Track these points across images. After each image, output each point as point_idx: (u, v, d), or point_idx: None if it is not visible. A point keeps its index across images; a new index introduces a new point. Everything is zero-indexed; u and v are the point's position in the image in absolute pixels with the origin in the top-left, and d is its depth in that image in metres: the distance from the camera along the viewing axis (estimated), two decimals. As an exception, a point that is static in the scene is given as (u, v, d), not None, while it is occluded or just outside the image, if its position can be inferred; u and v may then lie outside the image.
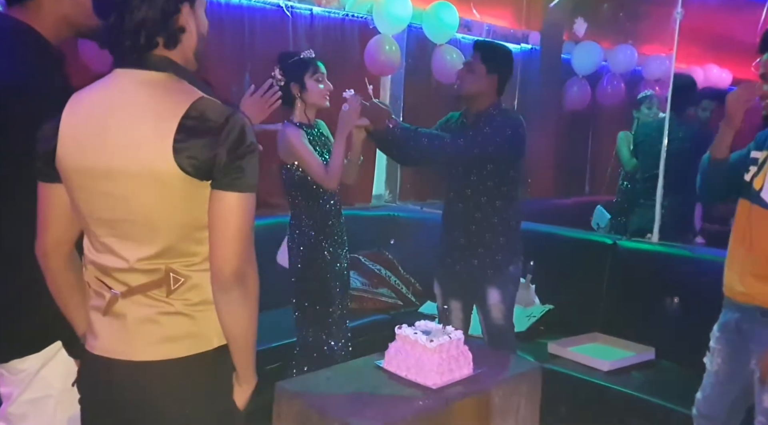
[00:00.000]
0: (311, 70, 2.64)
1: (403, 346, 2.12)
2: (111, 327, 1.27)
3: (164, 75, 1.24)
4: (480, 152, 2.50)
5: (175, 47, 1.25)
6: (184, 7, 1.25)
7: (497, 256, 2.61)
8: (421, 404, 1.92)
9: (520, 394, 2.19)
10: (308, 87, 2.65)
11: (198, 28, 1.30)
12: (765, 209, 1.97)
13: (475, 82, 2.59)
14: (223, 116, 1.20)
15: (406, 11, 3.93)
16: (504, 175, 2.59)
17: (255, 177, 1.24)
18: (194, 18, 1.28)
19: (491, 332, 2.68)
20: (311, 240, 2.69)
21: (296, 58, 2.66)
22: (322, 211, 2.70)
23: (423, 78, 4.56)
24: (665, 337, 2.97)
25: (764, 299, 1.94)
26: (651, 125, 3.79)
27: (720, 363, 2.10)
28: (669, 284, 3.00)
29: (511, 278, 2.65)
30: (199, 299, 1.26)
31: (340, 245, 2.75)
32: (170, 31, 1.23)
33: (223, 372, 1.32)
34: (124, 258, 1.24)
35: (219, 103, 1.24)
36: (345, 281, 2.81)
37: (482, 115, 2.61)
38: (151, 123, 1.19)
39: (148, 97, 1.21)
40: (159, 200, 1.20)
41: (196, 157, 1.18)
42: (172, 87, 1.23)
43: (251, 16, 3.67)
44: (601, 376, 2.80)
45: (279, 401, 2.01)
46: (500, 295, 2.62)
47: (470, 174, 2.59)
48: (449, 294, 2.76)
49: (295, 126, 2.67)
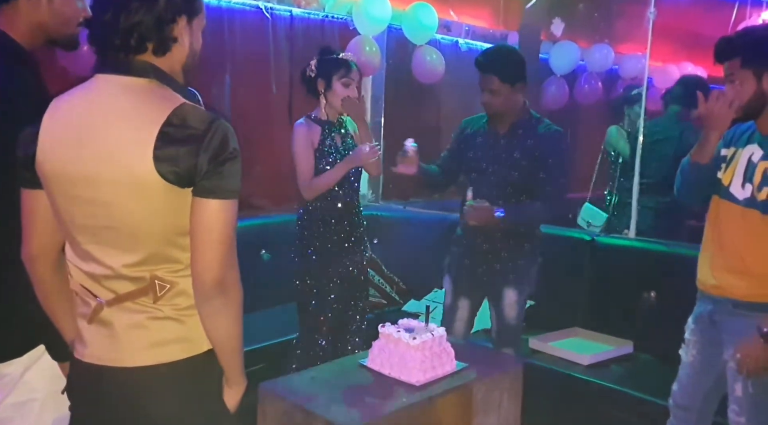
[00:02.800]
0: (342, 72, 2.67)
1: (386, 344, 2.14)
2: (99, 334, 1.27)
3: (146, 81, 1.23)
4: (527, 163, 2.51)
5: (163, 55, 1.24)
6: (182, 19, 1.25)
7: (520, 260, 2.62)
8: (404, 401, 1.95)
9: (502, 389, 2.22)
10: (333, 87, 2.68)
11: (191, 44, 1.30)
12: (733, 203, 2.02)
13: (503, 102, 2.54)
14: (205, 123, 1.19)
15: (385, 12, 3.95)
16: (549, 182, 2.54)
17: (237, 183, 1.23)
18: (189, 33, 1.29)
19: (502, 329, 2.70)
20: (312, 238, 2.73)
21: (333, 55, 2.70)
22: (326, 210, 2.72)
23: (404, 79, 4.59)
24: (643, 331, 3.03)
25: (735, 292, 1.99)
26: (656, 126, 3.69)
27: (694, 354, 2.14)
28: (646, 278, 3.06)
29: (529, 280, 2.67)
30: (188, 304, 1.26)
31: (348, 246, 2.76)
32: (162, 39, 1.23)
33: (213, 374, 1.33)
34: (108, 266, 1.23)
35: (202, 109, 1.24)
36: (355, 282, 2.81)
37: (516, 124, 2.58)
38: (131, 129, 1.18)
39: (130, 103, 1.21)
40: (140, 208, 1.19)
41: (177, 165, 1.17)
42: (154, 93, 1.23)
43: (230, 17, 3.67)
44: (581, 370, 2.85)
45: (263, 401, 2.02)
46: (517, 296, 2.64)
47: (506, 185, 2.56)
48: (460, 292, 2.77)
49: (310, 122, 2.71)
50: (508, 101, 2.55)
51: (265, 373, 2.63)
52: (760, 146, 1.99)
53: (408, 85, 4.62)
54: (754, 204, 1.95)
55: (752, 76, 1.92)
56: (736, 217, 2.00)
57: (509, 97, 2.54)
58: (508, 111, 2.58)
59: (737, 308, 1.97)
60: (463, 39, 5.13)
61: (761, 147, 1.98)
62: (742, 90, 1.93)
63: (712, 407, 2.17)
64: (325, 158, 2.69)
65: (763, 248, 1.93)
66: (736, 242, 2.01)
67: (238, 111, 3.74)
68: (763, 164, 1.95)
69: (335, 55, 2.70)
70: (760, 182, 1.94)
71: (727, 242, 2.03)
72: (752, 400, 1.95)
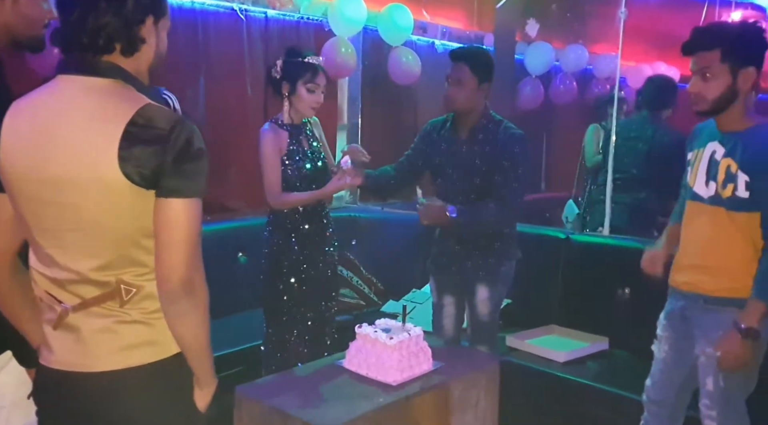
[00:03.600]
0: (307, 76, 2.61)
1: (363, 345, 2.14)
2: (66, 340, 1.25)
3: (110, 81, 1.22)
4: (486, 168, 2.52)
5: (131, 56, 1.24)
6: (149, 19, 1.25)
7: (490, 259, 2.65)
8: (381, 401, 1.95)
9: (479, 388, 2.24)
10: (298, 92, 2.63)
11: (157, 46, 1.30)
12: (698, 202, 2.05)
13: (468, 96, 2.55)
14: (169, 123, 1.18)
15: (360, 14, 3.95)
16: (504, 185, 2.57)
17: (202, 183, 1.22)
18: (156, 34, 1.28)
19: (475, 325, 2.73)
20: (280, 241, 2.70)
21: (299, 59, 2.63)
22: (296, 213, 2.69)
23: (380, 80, 4.59)
24: (618, 327, 3.06)
25: (705, 288, 2.02)
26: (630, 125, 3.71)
27: (667, 349, 2.17)
28: (621, 275, 3.09)
29: (502, 278, 2.69)
30: (155, 307, 1.25)
31: (318, 248, 2.74)
32: (131, 39, 1.22)
33: (183, 377, 1.32)
34: (73, 270, 1.21)
35: (167, 110, 1.23)
36: (326, 284, 2.79)
37: (477, 128, 2.60)
38: (96, 130, 1.17)
39: (94, 103, 1.19)
40: (106, 209, 1.18)
41: (142, 165, 1.15)
42: (118, 93, 1.21)
43: (204, 19, 3.64)
44: (557, 367, 2.87)
45: (239, 405, 2.01)
46: (489, 292, 2.66)
47: (473, 187, 2.59)
48: (443, 289, 2.81)
49: (276, 128, 2.66)
50: (473, 98, 2.55)
51: (244, 376, 2.63)
52: (721, 143, 1.99)
53: (384, 86, 4.63)
54: (719, 202, 1.97)
55: (728, 71, 1.90)
56: (702, 215, 2.02)
57: (474, 94, 2.55)
58: (471, 110, 2.59)
59: (708, 303, 2.00)
60: (439, 40, 5.16)
61: (722, 144, 1.99)
62: (715, 84, 1.92)
63: (684, 401, 2.20)
64: (294, 162, 2.66)
65: (731, 244, 1.96)
66: (705, 240, 2.03)
67: (212, 113, 3.72)
68: (725, 161, 1.96)
69: (301, 59, 2.63)
70: (724, 179, 1.96)
71: (696, 240, 2.06)
72: (723, 394, 1.99)
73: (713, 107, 1.95)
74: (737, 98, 1.93)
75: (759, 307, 1.89)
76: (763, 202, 1.89)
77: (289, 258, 2.69)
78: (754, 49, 1.93)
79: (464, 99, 2.55)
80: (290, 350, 2.72)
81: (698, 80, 1.95)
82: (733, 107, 1.95)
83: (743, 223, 1.93)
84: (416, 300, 3.59)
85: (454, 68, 2.57)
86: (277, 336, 2.72)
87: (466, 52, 2.62)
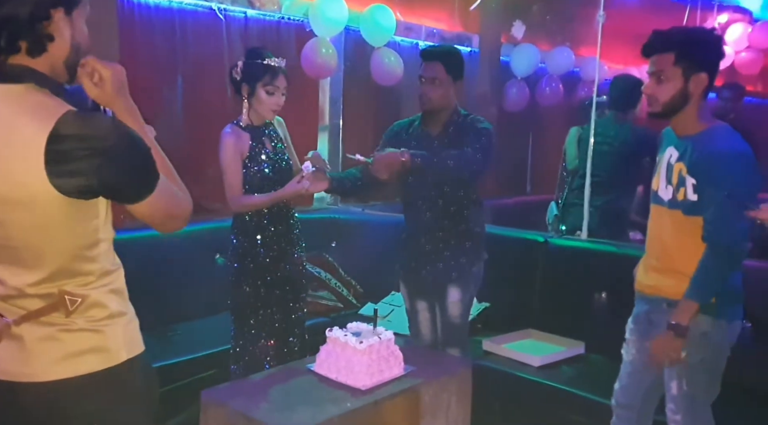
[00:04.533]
0: (266, 78, 2.57)
1: (333, 349, 2.12)
2: (9, 349, 1.21)
3: (23, 87, 1.13)
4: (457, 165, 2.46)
5: (39, 55, 1.15)
6: (57, 12, 1.15)
7: (462, 259, 2.64)
8: (348, 405, 1.93)
9: (450, 392, 2.22)
10: (257, 94, 2.59)
11: (73, 37, 1.19)
12: (659, 205, 2.06)
13: (443, 95, 2.58)
14: (96, 129, 1.11)
15: (342, 14, 3.93)
16: (473, 183, 2.65)
17: (154, 179, 1.20)
18: (70, 26, 1.18)
19: (446, 328, 2.72)
20: (245, 243, 2.67)
21: (258, 61, 2.59)
22: (260, 215, 2.67)
23: (362, 81, 4.57)
24: (594, 331, 3.05)
25: (668, 291, 2.02)
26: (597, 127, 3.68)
27: (634, 353, 2.17)
28: (597, 279, 3.10)
29: (473, 278, 2.70)
30: (104, 315, 1.22)
31: (284, 250, 2.71)
32: (36, 37, 1.13)
33: (133, 386, 1.29)
34: (12, 286, 1.17)
35: (90, 114, 1.16)
36: (294, 285, 2.77)
37: (448, 123, 2.62)
38: (14, 144, 1.10)
39: (8, 114, 1.11)
40: (37, 225, 1.13)
41: (74, 177, 1.09)
42: (34, 101, 1.13)
43: (182, 18, 3.60)
44: (532, 371, 2.86)
45: (206, 409, 1.99)
46: (460, 294, 2.66)
47: (442, 185, 2.60)
48: (415, 295, 2.79)
49: (237, 130, 2.63)
50: (447, 96, 2.58)
51: (217, 380, 2.60)
52: (676, 147, 2.02)
53: (367, 87, 4.61)
54: (677, 205, 1.99)
55: (681, 74, 1.93)
56: (663, 218, 2.04)
57: (448, 92, 2.58)
58: (444, 108, 2.61)
59: (671, 307, 2.00)
60: (423, 41, 5.14)
61: (676, 148, 2.01)
62: (668, 86, 1.94)
63: (652, 405, 2.20)
64: (258, 165, 2.63)
65: (690, 247, 1.96)
66: (666, 243, 2.04)
67: (190, 113, 3.68)
68: (678, 165, 1.98)
69: (261, 60, 2.59)
70: (677, 183, 1.98)
71: (658, 243, 2.07)
72: (687, 398, 1.99)
73: (664, 109, 1.98)
74: (688, 102, 1.95)
75: (690, 306, 1.93)
76: (704, 205, 1.91)
77: (255, 260, 2.67)
78: (708, 55, 1.96)
79: (440, 97, 2.57)
80: (257, 353, 2.69)
81: (653, 82, 1.98)
82: (684, 110, 1.96)
83: (698, 226, 1.94)
84: (395, 303, 3.57)
85: (428, 68, 2.59)
86: (244, 338, 2.70)
87: (439, 52, 2.65)
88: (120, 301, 1.27)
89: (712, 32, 2.03)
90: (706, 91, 1.97)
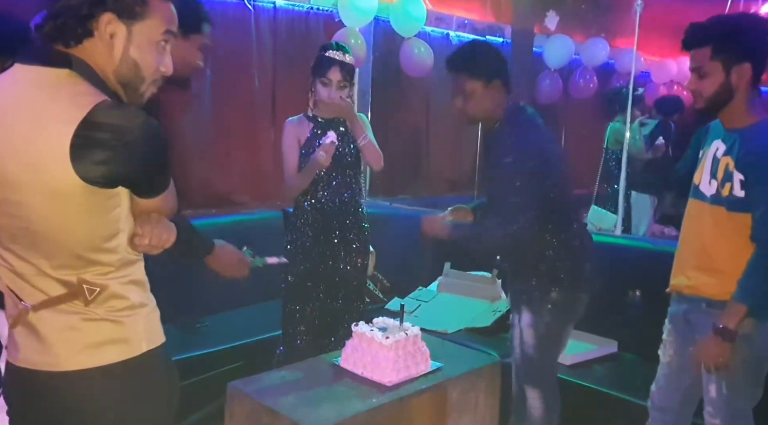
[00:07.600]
0: (320, 71, 2.62)
1: (359, 343, 2.10)
2: (30, 338, 1.21)
3: (66, 73, 1.14)
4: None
5: (75, 46, 1.15)
6: (105, 16, 1.15)
7: (533, 281, 2.30)
8: (374, 401, 1.91)
9: (478, 390, 2.19)
10: (315, 85, 2.66)
11: (126, 50, 1.18)
12: (702, 201, 1.98)
13: (478, 105, 2.19)
14: (128, 121, 1.11)
15: (371, 4, 3.89)
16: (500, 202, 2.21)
17: (167, 178, 1.24)
18: (125, 38, 1.17)
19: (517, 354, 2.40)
20: (294, 235, 2.73)
21: (321, 54, 2.64)
22: (312, 209, 2.70)
23: (391, 72, 4.52)
24: (628, 330, 2.97)
25: (707, 291, 1.94)
26: None
27: (671, 354, 2.10)
28: (631, 277, 3.01)
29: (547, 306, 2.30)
30: (124, 306, 1.21)
31: (338, 246, 2.72)
32: (75, 27, 1.14)
33: (153, 377, 1.28)
34: (33, 263, 1.17)
35: (124, 106, 1.16)
36: (344, 283, 2.76)
37: (497, 129, 2.25)
38: (44, 127, 1.10)
39: (44, 97, 1.12)
40: (58, 212, 1.13)
41: (101, 166, 1.09)
42: (73, 88, 1.13)
43: (211, 10, 3.58)
44: (563, 370, 2.78)
45: (231, 401, 1.98)
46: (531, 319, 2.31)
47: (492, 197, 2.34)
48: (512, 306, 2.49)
49: (300, 120, 2.74)
50: (484, 103, 2.19)
51: (243, 371, 2.61)
52: (723, 141, 1.93)
53: (396, 78, 4.56)
54: (720, 201, 1.90)
55: (721, 68, 1.84)
56: (704, 215, 1.96)
57: (485, 98, 2.18)
58: (488, 115, 2.24)
59: (710, 307, 1.93)
60: (454, 32, 5.07)
61: (724, 142, 1.93)
62: (709, 81, 1.86)
63: (690, 408, 2.12)
64: (309, 153, 2.65)
65: (732, 245, 1.88)
66: (706, 240, 1.96)
67: (218, 105, 3.68)
68: (725, 159, 1.90)
69: (323, 52, 2.64)
70: (723, 177, 1.89)
71: (697, 241, 1.99)
72: (726, 401, 1.92)
73: (709, 104, 1.90)
74: (735, 95, 1.86)
75: (739, 309, 1.83)
76: (753, 202, 1.82)
77: (304, 253, 2.72)
78: (749, 43, 1.84)
79: (475, 109, 2.20)
80: (297, 346, 2.73)
81: (695, 78, 1.90)
82: (732, 103, 1.87)
83: (743, 224, 1.85)
84: (422, 298, 3.52)
85: (453, 80, 2.23)
86: (286, 331, 2.77)
87: (458, 60, 2.21)
88: (140, 292, 1.26)
89: (754, 17, 1.94)
90: (755, 81, 1.86)
